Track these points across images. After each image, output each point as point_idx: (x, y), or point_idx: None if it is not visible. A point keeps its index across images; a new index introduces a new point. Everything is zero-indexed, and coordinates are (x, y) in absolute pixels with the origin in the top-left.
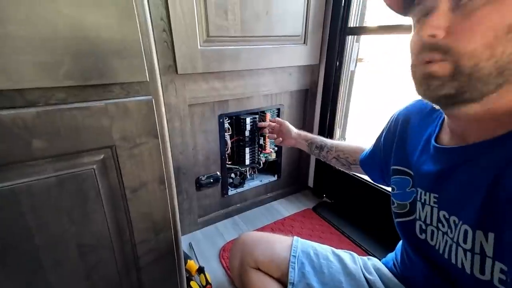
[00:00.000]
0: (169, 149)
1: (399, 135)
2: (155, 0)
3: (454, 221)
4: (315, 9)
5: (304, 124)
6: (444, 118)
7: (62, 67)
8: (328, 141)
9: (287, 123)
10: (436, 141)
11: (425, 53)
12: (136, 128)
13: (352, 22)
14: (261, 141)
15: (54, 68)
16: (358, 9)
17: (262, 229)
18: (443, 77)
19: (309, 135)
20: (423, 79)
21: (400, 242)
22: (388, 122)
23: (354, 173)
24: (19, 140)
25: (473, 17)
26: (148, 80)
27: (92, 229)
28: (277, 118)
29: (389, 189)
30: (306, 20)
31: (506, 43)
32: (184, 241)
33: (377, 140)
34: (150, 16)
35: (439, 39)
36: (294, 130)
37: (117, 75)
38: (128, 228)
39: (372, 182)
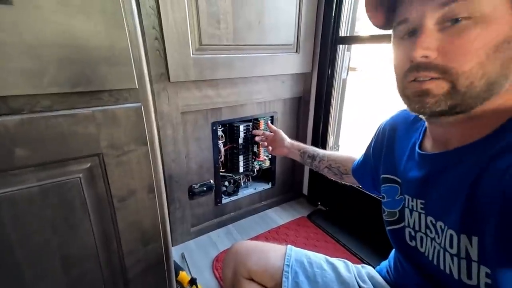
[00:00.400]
0: (159, 156)
1: (387, 144)
2: (147, 9)
3: (440, 226)
4: (306, 19)
5: (298, 131)
6: (426, 126)
7: (47, 74)
8: (320, 151)
9: (281, 132)
10: (420, 148)
11: (418, 72)
12: (124, 135)
13: (343, 32)
14: (255, 149)
15: (39, 75)
16: (349, 19)
17: (256, 238)
18: (438, 95)
19: (301, 145)
20: (417, 97)
21: (393, 250)
22: (376, 132)
23: (346, 183)
24: (1, 148)
25: (464, 38)
26: (137, 87)
27: (77, 240)
28: (272, 126)
29: None
30: (298, 29)
31: (494, 61)
32: (177, 252)
33: (367, 149)
34: (142, 25)
35: (432, 59)
36: (287, 139)
37: (106, 82)
38: (116, 238)
39: None
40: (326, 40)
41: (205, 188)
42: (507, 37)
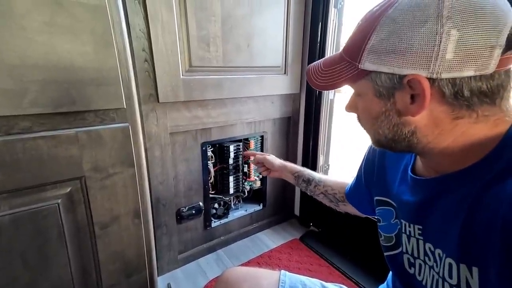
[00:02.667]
0: (146, 179)
1: (378, 165)
2: (137, 32)
3: (439, 254)
4: (293, 42)
5: (288, 150)
6: None
7: (28, 95)
8: (316, 174)
9: (268, 158)
10: (412, 171)
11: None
12: (109, 157)
13: (328, 54)
14: (246, 169)
15: (19, 95)
16: (334, 42)
17: (248, 263)
18: (372, 141)
19: (295, 167)
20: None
21: (390, 273)
22: (366, 153)
23: (341, 211)
24: None
25: (361, 108)
26: (125, 106)
27: (51, 274)
28: (258, 156)
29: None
30: (285, 52)
31: (380, 125)
32: (163, 282)
33: (359, 171)
34: (132, 47)
35: (357, 115)
36: (277, 161)
37: (91, 103)
38: (95, 270)
39: None
40: (313, 61)
41: (193, 211)
42: (381, 112)
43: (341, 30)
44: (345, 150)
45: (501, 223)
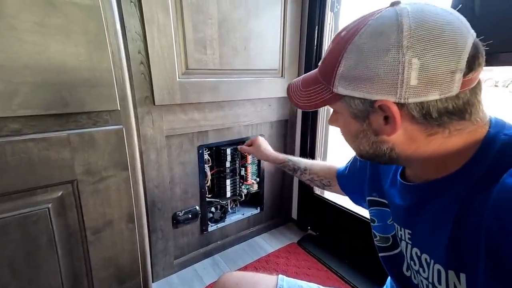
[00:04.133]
0: (140, 182)
1: (372, 167)
2: (133, 34)
3: (425, 260)
4: (290, 45)
5: (285, 153)
6: None
7: (18, 96)
8: (301, 163)
9: (259, 140)
10: (401, 175)
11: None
12: (102, 160)
13: None
14: (243, 172)
15: (9, 97)
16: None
17: (245, 268)
18: (357, 154)
19: (279, 158)
20: None
21: (389, 278)
22: None
23: (328, 191)
24: None
25: (341, 125)
26: (119, 108)
27: (40, 282)
28: (247, 141)
29: None
30: (282, 55)
31: (360, 142)
32: None
33: (352, 163)
34: (127, 49)
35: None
36: (268, 148)
37: (84, 104)
38: (87, 277)
39: (359, 212)
40: (309, 64)
41: (190, 215)
42: (359, 131)
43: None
44: (342, 152)
45: (485, 234)
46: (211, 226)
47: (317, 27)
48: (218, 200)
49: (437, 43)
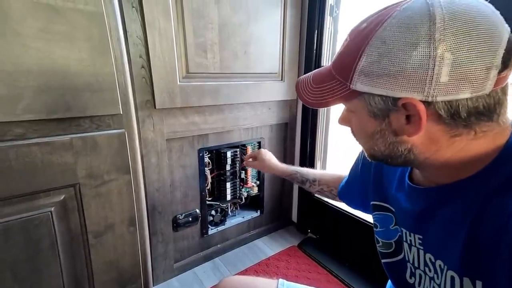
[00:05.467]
0: (142, 186)
1: (375, 168)
2: (134, 39)
3: (440, 266)
4: (290, 49)
5: (285, 156)
6: None
7: (22, 101)
8: (310, 173)
9: (262, 153)
10: (409, 178)
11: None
12: (105, 163)
13: (325, 61)
14: (243, 175)
15: (12, 102)
16: (330, 49)
17: (245, 271)
18: (367, 155)
19: (289, 169)
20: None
21: (389, 281)
22: (361, 157)
23: (340, 202)
24: None
25: (355, 124)
26: (121, 112)
27: (42, 286)
28: (250, 153)
29: None
30: (282, 59)
31: (375, 143)
32: None
33: (352, 171)
34: (129, 53)
35: (351, 130)
36: (273, 159)
37: (87, 108)
38: (88, 281)
39: (359, 215)
40: (309, 68)
41: (190, 219)
42: (376, 131)
43: (337, 38)
44: (342, 155)
45: (509, 242)
46: (211, 229)
47: (316, 31)
48: (218, 203)
49: (473, 36)
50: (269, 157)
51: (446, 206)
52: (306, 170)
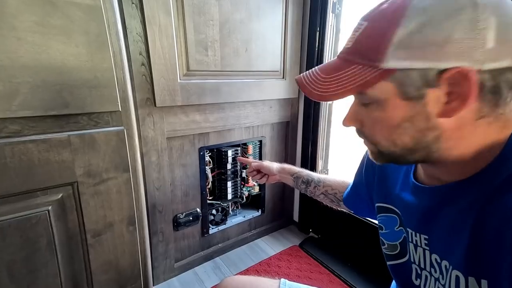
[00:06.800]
0: (141, 184)
1: (379, 169)
2: (134, 36)
3: (445, 266)
4: (291, 47)
5: (287, 155)
6: None
7: (17, 97)
8: (315, 175)
9: (265, 163)
10: (414, 177)
11: (359, 135)
12: (103, 161)
13: (326, 59)
14: (244, 174)
15: (7, 97)
16: (331, 47)
17: (247, 271)
18: (374, 153)
19: (294, 168)
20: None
21: (393, 281)
22: (365, 159)
23: (343, 209)
24: None
25: (373, 118)
26: (120, 109)
27: (39, 286)
28: (253, 164)
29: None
30: (283, 56)
31: (400, 134)
32: None
33: (357, 175)
34: (128, 50)
35: (359, 128)
36: (274, 166)
37: (85, 105)
38: (87, 281)
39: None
40: (311, 66)
41: (191, 218)
42: (405, 117)
43: (339, 35)
44: (344, 154)
45: (511, 237)
46: (212, 228)
47: (318, 28)
48: (219, 202)
49: None
50: (272, 165)
51: (451, 205)
52: (310, 172)
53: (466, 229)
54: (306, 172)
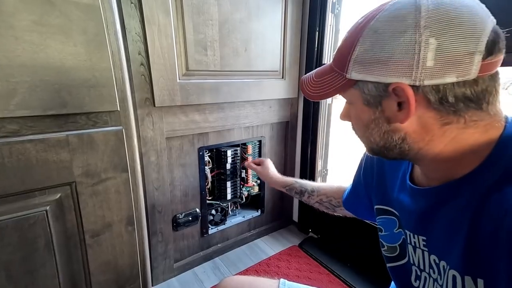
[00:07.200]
0: (140, 184)
1: (377, 171)
2: (133, 36)
3: (443, 266)
4: (291, 47)
5: (286, 155)
6: None
7: (16, 96)
8: (309, 185)
9: (267, 162)
10: (410, 179)
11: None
12: (102, 161)
13: (326, 59)
14: (243, 174)
15: (5, 97)
16: (331, 47)
17: (246, 271)
18: (366, 148)
19: (286, 181)
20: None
21: (392, 282)
22: (364, 161)
23: (338, 214)
24: None
25: (353, 116)
26: (119, 109)
27: (37, 287)
28: (255, 160)
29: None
30: (283, 56)
31: (371, 133)
32: None
33: (356, 177)
34: (127, 50)
35: (351, 124)
36: (270, 170)
37: (83, 105)
38: (85, 282)
39: None
40: (310, 65)
41: (190, 218)
42: (370, 120)
43: (338, 35)
44: (344, 154)
45: (506, 236)
46: (212, 228)
47: (318, 28)
48: (218, 202)
49: (455, 23)
50: (272, 167)
51: (447, 205)
52: (304, 181)
53: (463, 229)
54: (299, 183)
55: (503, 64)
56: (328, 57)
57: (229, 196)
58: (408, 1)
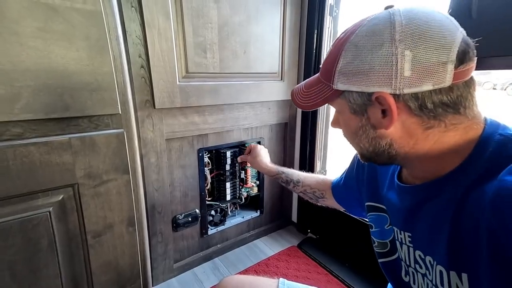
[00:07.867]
0: (141, 186)
1: (369, 169)
2: (134, 39)
3: (429, 262)
4: (290, 49)
5: (285, 156)
6: None
7: (20, 100)
8: (295, 174)
9: (257, 149)
10: (399, 177)
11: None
12: (103, 163)
13: None
14: (242, 175)
15: (10, 101)
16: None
17: (245, 271)
18: (359, 154)
19: (273, 170)
20: None
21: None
22: (356, 158)
23: (321, 205)
24: None
25: (342, 124)
26: (120, 112)
27: (40, 287)
28: (248, 147)
29: None
30: (282, 58)
31: (360, 139)
32: None
33: (349, 171)
34: (128, 53)
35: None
36: (260, 158)
37: (85, 108)
38: (87, 282)
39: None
40: (309, 68)
41: (190, 219)
42: (358, 127)
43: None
44: (342, 155)
45: (486, 233)
46: (211, 229)
47: (316, 31)
48: (218, 203)
49: (427, 36)
50: (263, 154)
51: (430, 202)
52: (291, 171)
53: (446, 225)
54: (286, 173)
55: (500, 67)
56: None
57: (228, 197)
58: (384, 17)
